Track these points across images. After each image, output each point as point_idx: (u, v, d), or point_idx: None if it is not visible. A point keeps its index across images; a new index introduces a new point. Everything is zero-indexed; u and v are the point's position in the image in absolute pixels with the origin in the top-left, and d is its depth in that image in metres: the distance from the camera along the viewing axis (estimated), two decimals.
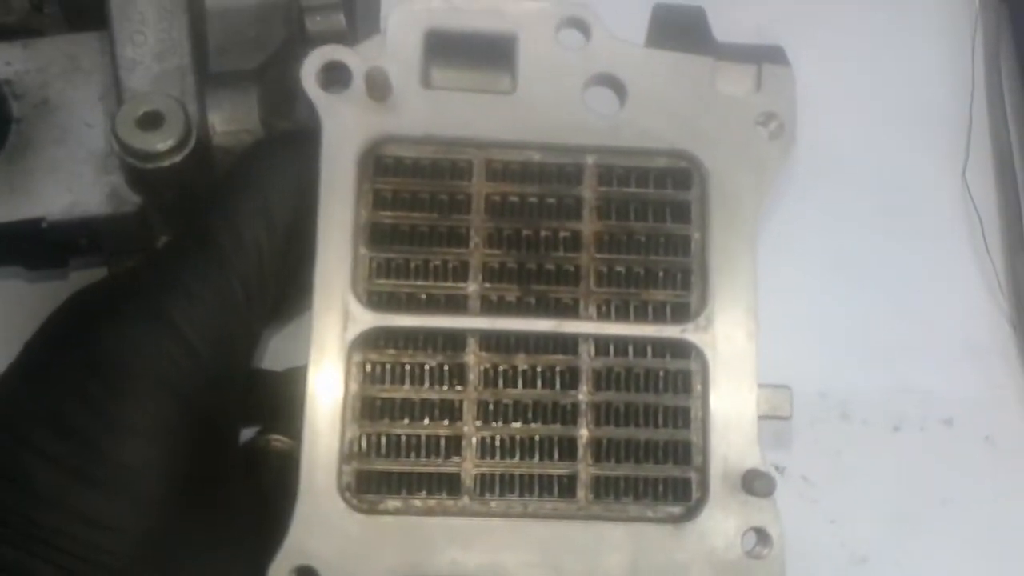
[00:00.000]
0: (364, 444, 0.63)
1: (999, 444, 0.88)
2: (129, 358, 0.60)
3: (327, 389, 0.62)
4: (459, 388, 0.64)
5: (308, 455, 0.61)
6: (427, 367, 0.64)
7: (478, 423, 0.64)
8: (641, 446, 0.65)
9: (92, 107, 0.73)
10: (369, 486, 0.63)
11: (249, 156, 0.66)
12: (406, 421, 0.63)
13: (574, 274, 0.64)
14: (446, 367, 0.64)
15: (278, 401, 0.68)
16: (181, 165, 0.67)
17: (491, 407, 0.64)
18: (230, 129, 0.72)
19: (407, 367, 0.64)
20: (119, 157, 0.67)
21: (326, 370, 0.62)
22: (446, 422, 0.64)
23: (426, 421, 0.64)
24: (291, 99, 0.72)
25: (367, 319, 0.62)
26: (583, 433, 0.64)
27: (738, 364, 0.63)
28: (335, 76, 0.63)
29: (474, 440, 0.64)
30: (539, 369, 0.65)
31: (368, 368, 0.63)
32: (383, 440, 0.63)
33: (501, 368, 0.64)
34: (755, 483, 0.61)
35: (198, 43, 0.72)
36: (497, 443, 0.64)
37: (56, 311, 0.63)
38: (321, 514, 0.61)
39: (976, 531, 0.85)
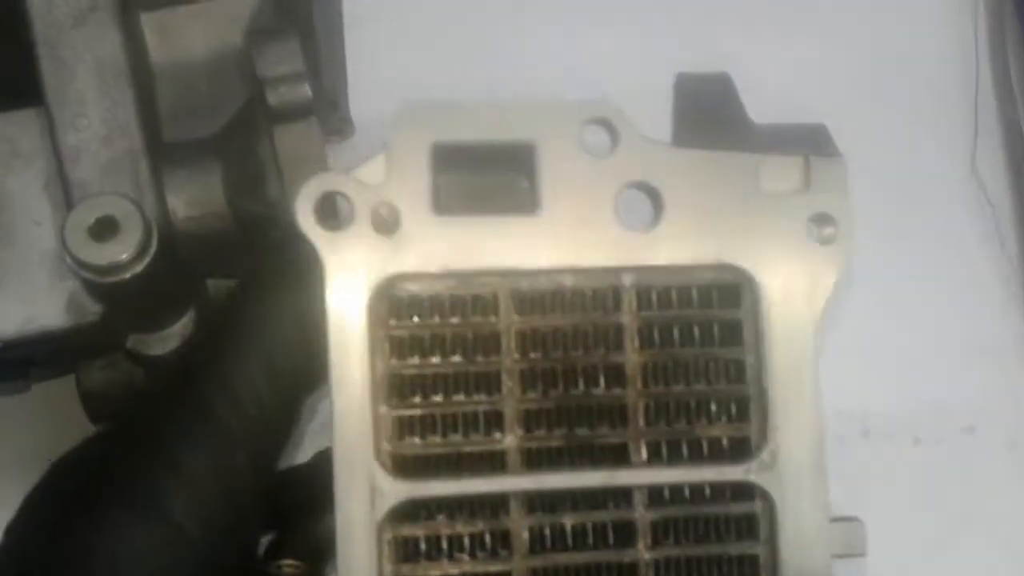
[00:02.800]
0: None
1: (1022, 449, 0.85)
2: (124, 560, 0.54)
3: (358, 574, 0.56)
4: (505, 558, 0.59)
5: None
6: (467, 538, 0.59)
7: None
8: None
9: (37, 200, 0.65)
10: None
11: (241, 302, 0.60)
12: None
13: (620, 413, 0.60)
14: (488, 535, 0.59)
15: (290, 503, 0.64)
16: (144, 273, 0.58)
17: (542, 575, 0.59)
18: (193, 214, 0.64)
19: (445, 540, 0.59)
20: (73, 272, 0.58)
21: (356, 554, 0.57)
22: None
23: None
24: (259, 177, 0.65)
25: (396, 491, 0.57)
26: None
27: (808, 502, 0.60)
28: (333, 208, 0.55)
29: None
30: (591, 527, 0.60)
31: (401, 545, 0.58)
32: None
33: (548, 530, 0.59)
34: None
35: (148, 117, 0.65)
36: None
37: (36, 496, 0.58)
38: None
39: (1003, 543, 0.83)
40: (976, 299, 0.87)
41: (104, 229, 0.60)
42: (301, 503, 0.63)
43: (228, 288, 0.75)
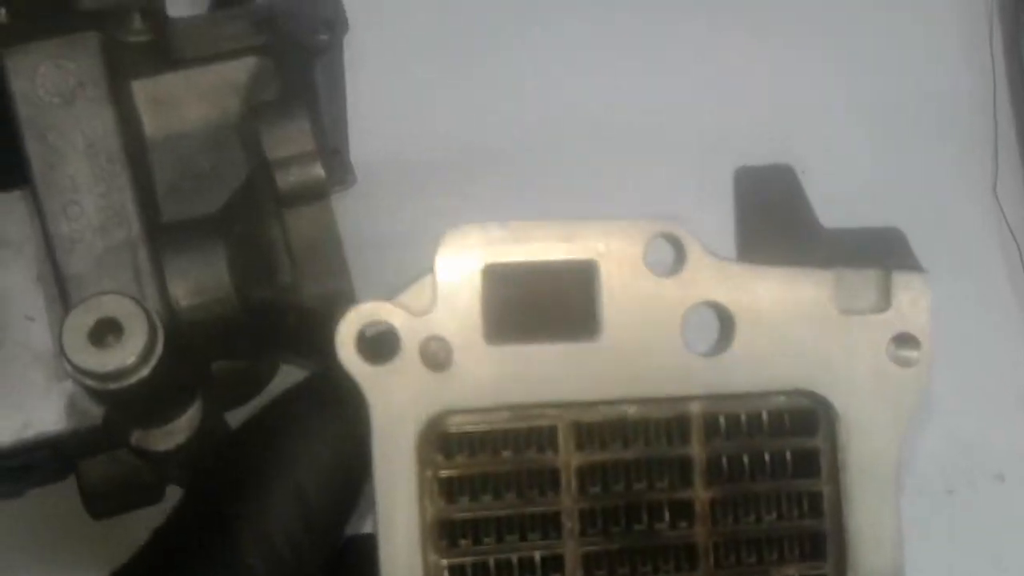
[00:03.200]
0: None
1: None
2: None
3: None
4: None
5: None
6: None
7: None
8: None
9: (29, 293, 0.61)
10: None
11: (271, 429, 0.56)
12: None
13: (688, 553, 0.56)
14: None
15: None
16: (150, 377, 0.53)
17: None
18: (197, 302, 0.60)
19: None
20: (73, 378, 0.54)
21: None
22: None
23: None
24: (270, 262, 0.60)
25: None
26: None
27: None
28: (378, 343, 0.51)
29: None
30: None
31: None
32: None
33: None
34: None
35: (146, 199, 0.60)
36: None
37: None
38: None
39: None
40: (1002, 339, 0.83)
41: (105, 332, 0.56)
42: None
43: (231, 368, 0.71)
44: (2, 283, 0.63)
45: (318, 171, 0.63)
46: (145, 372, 0.58)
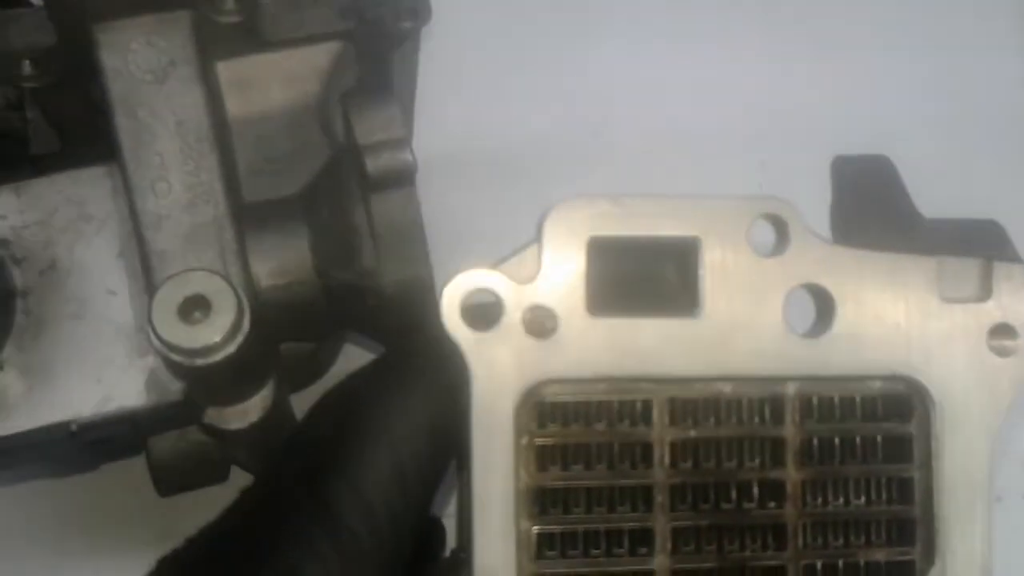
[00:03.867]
0: None
1: None
2: None
3: None
4: None
5: None
6: None
7: None
8: None
9: (111, 268, 0.61)
10: None
11: (368, 397, 0.56)
12: None
13: (776, 533, 0.56)
14: None
15: None
16: (236, 354, 0.54)
17: None
18: (279, 282, 0.60)
19: None
20: (159, 353, 0.54)
21: None
22: None
23: None
24: (353, 246, 0.60)
25: None
26: None
27: None
28: (481, 309, 0.51)
29: None
30: None
31: None
32: None
33: None
34: None
35: (231, 178, 0.60)
36: None
37: None
38: None
39: None
40: None
41: (194, 308, 0.56)
42: None
43: (297, 351, 0.71)
44: (84, 257, 0.63)
45: (407, 157, 0.63)
46: (231, 349, 0.59)
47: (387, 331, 0.67)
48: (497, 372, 0.53)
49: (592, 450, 0.55)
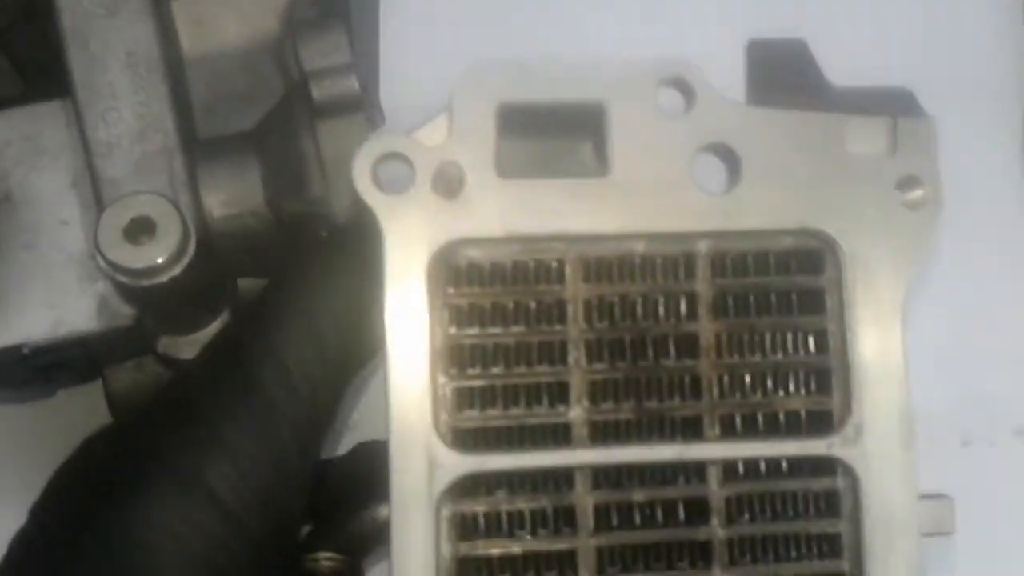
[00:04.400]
0: None
1: None
2: (161, 542, 0.51)
3: (415, 555, 0.55)
4: (569, 535, 0.57)
5: None
6: (529, 513, 0.57)
7: (595, 575, 0.56)
8: None
9: (64, 198, 0.63)
10: None
11: (292, 274, 0.58)
12: None
13: (693, 385, 0.57)
14: (551, 511, 0.57)
15: (329, 497, 0.61)
16: (181, 275, 0.56)
17: (608, 554, 0.57)
18: (231, 212, 0.62)
19: (506, 516, 0.57)
20: (106, 274, 0.56)
21: (412, 532, 0.55)
22: None
23: None
24: (302, 175, 0.62)
25: (455, 465, 0.55)
26: (718, 575, 0.57)
27: (895, 478, 0.58)
28: (393, 171, 0.53)
29: None
30: (660, 504, 0.58)
31: (460, 522, 0.56)
32: None
33: (616, 506, 0.57)
34: None
35: (182, 112, 0.63)
36: None
37: (65, 473, 0.55)
38: None
39: None
40: None
41: (139, 230, 0.58)
42: (340, 496, 0.61)
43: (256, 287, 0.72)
44: (38, 189, 0.65)
45: (353, 83, 0.65)
46: (176, 271, 0.60)
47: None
48: (409, 233, 0.55)
49: (506, 308, 0.57)
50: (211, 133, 0.66)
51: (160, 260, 0.58)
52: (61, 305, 0.62)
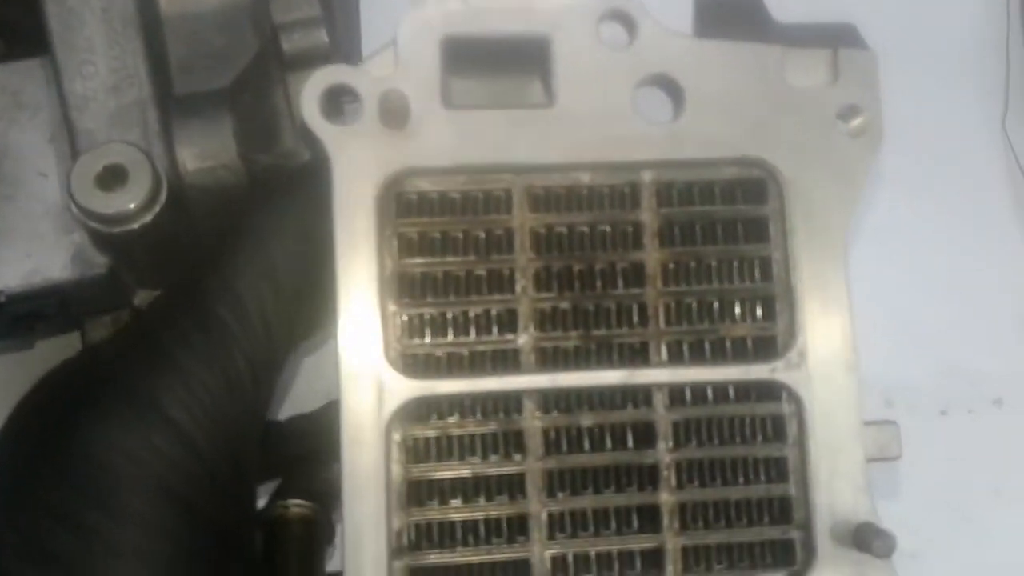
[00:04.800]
0: (414, 535, 0.57)
1: None
2: (118, 464, 0.53)
3: (366, 477, 0.56)
4: (518, 459, 0.58)
5: (352, 554, 0.55)
6: (479, 438, 0.58)
7: (544, 498, 0.58)
8: (733, 507, 0.59)
9: (42, 152, 0.64)
10: None
11: (246, 208, 0.58)
12: (460, 503, 0.57)
13: (640, 312, 0.59)
14: (501, 436, 0.58)
15: (298, 451, 0.63)
16: (153, 223, 0.57)
17: (557, 478, 0.58)
18: (204, 166, 0.63)
19: (456, 440, 0.58)
20: (79, 221, 0.57)
21: (363, 455, 0.56)
22: (507, 500, 0.58)
23: (483, 501, 0.57)
24: (273, 128, 0.63)
25: (404, 389, 0.55)
26: (666, 498, 0.59)
27: (839, 402, 0.58)
28: (341, 103, 0.54)
29: (542, 518, 0.58)
30: (608, 428, 0.59)
31: (411, 446, 0.57)
32: (436, 529, 0.57)
33: (565, 431, 0.58)
34: (873, 542, 0.54)
35: (158, 67, 0.65)
36: (568, 519, 0.58)
37: (26, 403, 0.56)
38: None
39: None
40: (1007, 265, 0.84)
41: (112, 178, 0.60)
42: (308, 450, 0.63)
43: None
44: (18, 143, 0.67)
45: (321, 35, 0.66)
46: (147, 218, 0.62)
47: None
48: (357, 163, 0.57)
49: (455, 238, 0.58)
50: (188, 90, 0.68)
51: (131, 207, 0.60)
52: (38, 254, 0.64)
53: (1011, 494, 0.80)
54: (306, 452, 0.62)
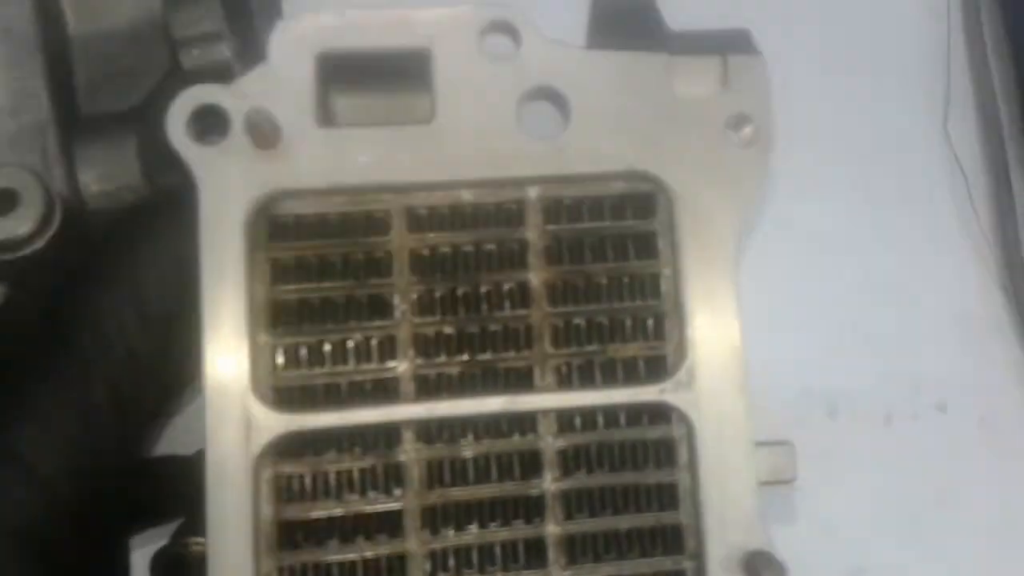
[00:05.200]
0: None
1: (995, 426, 0.81)
2: None
3: (232, 517, 0.53)
4: (398, 494, 0.56)
5: None
6: (357, 473, 0.55)
7: (425, 535, 0.56)
8: (624, 537, 0.57)
9: None
10: None
11: (115, 232, 0.54)
12: (337, 544, 0.55)
13: (525, 335, 0.57)
14: (381, 470, 0.56)
15: (189, 490, 0.58)
16: (46, 248, 0.54)
17: (441, 513, 0.56)
18: (107, 188, 0.61)
19: (332, 477, 0.55)
20: None
21: (227, 494, 0.53)
22: (387, 539, 0.55)
23: (362, 540, 0.55)
24: None
25: (274, 424, 0.53)
26: (552, 530, 0.57)
27: (729, 424, 0.57)
28: (210, 123, 0.51)
29: (422, 557, 0.55)
30: (494, 458, 0.57)
31: (283, 484, 0.55)
32: (311, 573, 0.55)
33: (448, 463, 0.56)
34: (762, 573, 0.51)
35: (61, 88, 0.63)
36: (452, 556, 0.56)
37: None
38: None
39: (977, 525, 0.79)
40: (948, 267, 0.83)
41: (3, 202, 0.57)
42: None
43: None
44: None
45: (222, 51, 0.64)
46: (40, 244, 0.59)
47: None
48: (225, 186, 0.54)
49: (331, 262, 0.56)
50: (96, 110, 0.66)
51: (22, 231, 0.57)
52: None
53: (956, 498, 0.79)
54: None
